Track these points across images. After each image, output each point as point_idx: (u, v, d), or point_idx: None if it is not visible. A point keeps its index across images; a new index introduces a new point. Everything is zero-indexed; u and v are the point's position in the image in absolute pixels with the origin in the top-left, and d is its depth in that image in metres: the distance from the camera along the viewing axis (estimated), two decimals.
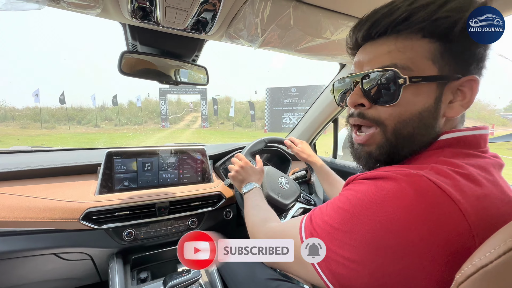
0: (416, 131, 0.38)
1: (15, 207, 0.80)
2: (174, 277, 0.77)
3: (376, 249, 0.30)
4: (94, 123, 19.83)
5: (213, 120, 20.87)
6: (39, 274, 0.93)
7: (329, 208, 0.36)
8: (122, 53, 0.75)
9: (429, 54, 0.37)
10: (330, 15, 0.68)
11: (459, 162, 0.34)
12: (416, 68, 0.37)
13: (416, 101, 0.37)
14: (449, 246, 0.28)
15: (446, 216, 0.28)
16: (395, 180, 0.32)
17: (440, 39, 0.36)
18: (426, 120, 0.38)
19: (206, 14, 0.63)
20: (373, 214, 0.31)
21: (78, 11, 0.58)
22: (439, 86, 0.37)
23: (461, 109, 0.38)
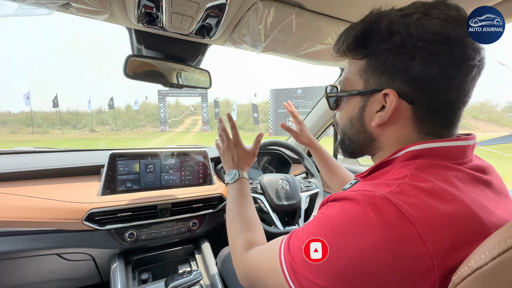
0: (352, 133, 0.46)
1: (18, 207, 0.81)
2: (175, 278, 0.77)
3: (348, 277, 0.30)
4: (89, 127, 19.09)
5: (214, 123, 19.22)
6: (41, 274, 0.94)
7: (305, 235, 0.36)
8: (127, 56, 0.76)
9: (357, 71, 0.42)
10: (331, 21, 0.69)
11: (428, 177, 0.34)
12: (348, 83, 0.45)
13: (347, 109, 0.47)
14: (412, 268, 0.28)
15: (406, 239, 0.29)
16: (359, 203, 0.32)
17: (364, 56, 0.41)
18: (355, 125, 0.45)
19: (210, 19, 0.65)
20: (341, 242, 0.31)
21: (87, 16, 0.59)
22: (363, 98, 0.43)
23: (378, 119, 0.41)
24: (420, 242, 0.29)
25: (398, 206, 0.30)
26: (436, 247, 0.28)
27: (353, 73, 0.43)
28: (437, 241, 0.29)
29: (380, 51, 0.38)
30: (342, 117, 0.48)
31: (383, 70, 0.38)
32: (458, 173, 0.36)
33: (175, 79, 0.87)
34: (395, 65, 0.37)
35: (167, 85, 0.86)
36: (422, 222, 0.29)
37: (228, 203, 0.65)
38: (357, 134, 0.45)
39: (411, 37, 0.35)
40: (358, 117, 0.44)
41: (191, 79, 0.93)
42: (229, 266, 0.91)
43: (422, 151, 0.37)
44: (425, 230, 0.29)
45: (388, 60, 0.37)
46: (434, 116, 0.38)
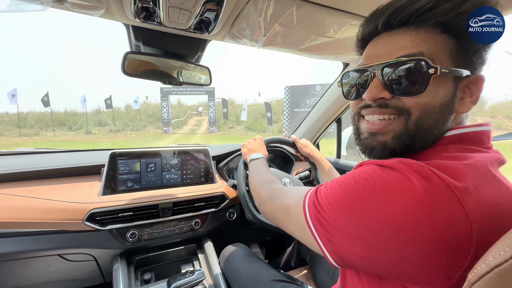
0: (435, 124, 0.38)
1: (20, 208, 0.81)
2: (178, 278, 0.77)
3: (373, 226, 0.31)
4: (86, 129, 17.22)
5: (221, 124, 18.35)
6: (43, 275, 0.94)
7: (334, 184, 0.38)
8: (125, 54, 0.75)
9: (448, 50, 0.37)
10: (333, 13, 0.67)
11: (461, 154, 0.35)
12: (438, 61, 0.37)
13: (438, 93, 0.37)
14: (445, 230, 0.28)
15: (443, 203, 0.29)
16: (400, 170, 0.32)
17: (456, 36, 0.37)
18: (444, 113, 0.38)
19: (209, 13, 0.63)
20: (375, 194, 0.32)
21: (82, 12, 0.58)
22: (454, 82, 0.38)
23: (470, 105, 0.39)
24: (459, 208, 0.29)
25: (437, 174, 0.31)
26: (475, 214, 0.28)
27: (442, 51, 0.37)
28: (476, 208, 0.29)
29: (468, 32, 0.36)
30: (428, 102, 0.37)
31: (475, 56, 0.38)
32: (489, 154, 0.36)
33: (174, 76, 0.86)
34: (482, 54, 0.38)
35: (166, 82, 0.84)
36: (461, 190, 0.29)
37: (251, 170, 0.79)
38: (440, 124, 0.38)
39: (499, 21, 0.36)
40: (450, 103, 0.38)
41: (191, 76, 0.91)
42: (232, 265, 0.90)
43: (452, 138, 0.38)
44: (465, 197, 0.29)
45: (479, 47, 0.37)
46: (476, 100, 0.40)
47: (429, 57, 0.36)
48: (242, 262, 0.88)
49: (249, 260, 0.89)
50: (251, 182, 0.73)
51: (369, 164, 0.37)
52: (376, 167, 0.35)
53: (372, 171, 0.34)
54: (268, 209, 0.55)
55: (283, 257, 1.25)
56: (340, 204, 0.34)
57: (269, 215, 0.55)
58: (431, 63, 0.36)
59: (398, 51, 0.38)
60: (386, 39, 0.41)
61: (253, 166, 0.81)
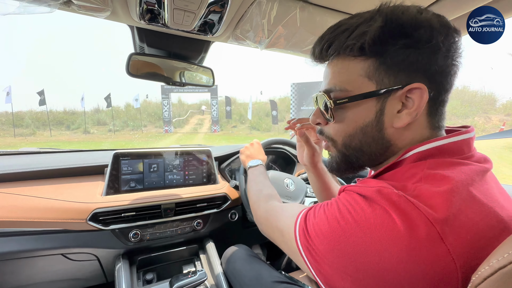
0: (362, 143, 0.41)
1: (23, 207, 0.81)
2: (180, 278, 0.77)
3: (358, 264, 0.31)
4: (84, 128, 16.53)
5: (223, 123, 17.55)
6: (46, 274, 0.94)
7: (321, 213, 0.37)
8: (130, 55, 0.75)
9: (364, 72, 0.38)
10: (336, 15, 0.68)
11: (443, 173, 0.33)
12: (353, 87, 0.39)
13: (357, 117, 0.40)
14: (428, 268, 0.28)
15: (424, 238, 0.29)
16: (381, 205, 0.32)
17: (371, 55, 0.37)
18: (369, 133, 0.40)
19: (213, 15, 0.64)
20: (358, 232, 0.32)
21: (88, 14, 0.59)
22: (379, 100, 0.38)
23: (407, 117, 0.37)
24: (440, 243, 0.28)
25: (417, 206, 0.30)
26: (457, 248, 0.28)
27: (358, 75, 0.38)
28: (457, 241, 0.28)
29: (397, 48, 0.35)
30: (347, 129, 0.41)
31: (402, 67, 0.36)
32: (471, 167, 0.35)
33: (178, 77, 0.87)
34: (418, 60, 0.35)
35: (170, 83, 0.85)
36: (441, 222, 0.29)
37: (249, 179, 0.80)
38: (371, 143, 0.40)
39: (435, 32, 0.35)
40: (375, 123, 0.39)
41: (194, 77, 0.92)
42: (234, 266, 0.90)
43: (431, 151, 0.37)
44: (445, 231, 0.29)
45: (409, 56, 0.35)
46: (441, 109, 0.39)
47: (341, 88, 0.40)
48: (244, 263, 0.88)
49: (251, 261, 0.89)
50: (248, 193, 0.74)
51: (351, 192, 0.36)
52: (358, 197, 0.35)
53: (354, 202, 0.34)
54: (264, 229, 0.56)
55: (285, 258, 1.24)
56: (326, 237, 0.34)
57: (266, 234, 0.56)
58: (332, 96, 0.41)
59: (324, 83, 0.44)
60: (325, 69, 0.45)
61: (251, 176, 0.81)
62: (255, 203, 0.65)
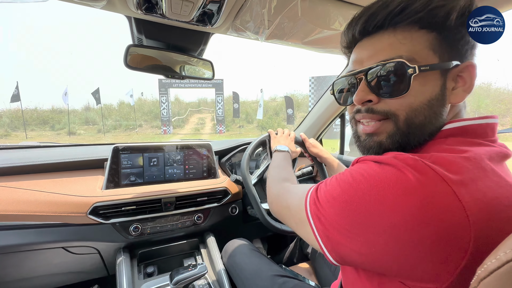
0: (427, 119, 0.38)
1: (24, 201, 0.81)
2: (180, 271, 0.77)
3: (370, 222, 0.31)
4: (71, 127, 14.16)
5: (228, 122, 15.58)
6: (48, 267, 0.95)
7: (333, 181, 0.38)
8: (127, 46, 0.74)
9: (429, 44, 0.38)
10: (339, 5, 0.66)
11: (460, 147, 0.34)
12: (420, 58, 0.38)
13: (424, 90, 0.38)
14: (442, 224, 0.28)
15: (439, 197, 0.29)
16: (395, 166, 0.32)
17: (436, 28, 0.37)
18: (435, 108, 0.38)
19: (212, 5, 0.62)
20: (371, 191, 0.32)
21: (83, 3, 0.57)
22: (442, 74, 0.38)
23: (464, 94, 0.38)
24: (455, 201, 0.28)
25: (433, 168, 0.30)
26: (472, 207, 0.28)
27: (423, 46, 0.37)
28: (473, 201, 0.28)
29: (458, 25, 0.37)
30: (413, 102, 0.38)
31: (460, 44, 0.38)
32: (492, 148, 0.35)
33: (177, 69, 0.85)
34: (468, 40, 0.38)
35: (169, 76, 0.84)
36: (457, 183, 0.29)
37: (273, 161, 0.81)
38: (435, 119, 0.38)
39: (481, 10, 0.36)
40: (440, 97, 0.38)
41: (194, 69, 0.90)
42: (234, 260, 0.90)
43: (453, 130, 0.37)
44: (461, 190, 0.29)
45: (462, 34, 0.37)
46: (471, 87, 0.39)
47: (408, 57, 0.37)
48: (245, 257, 0.88)
49: (252, 255, 0.89)
50: (268, 171, 0.76)
51: (366, 160, 0.37)
52: (372, 163, 0.35)
53: (368, 167, 0.35)
54: (274, 207, 0.58)
55: (285, 252, 1.25)
56: (337, 200, 0.35)
57: (275, 212, 0.57)
58: (409, 63, 0.37)
59: (378, 56, 0.40)
60: (367, 44, 0.42)
61: (275, 158, 0.83)
62: (270, 183, 0.66)
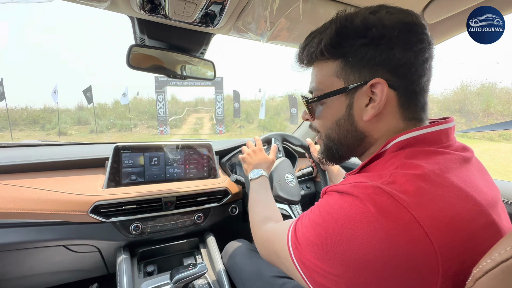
0: (340, 135, 0.45)
1: (25, 199, 0.82)
2: (180, 270, 0.77)
3: (347, 262, 0.32)
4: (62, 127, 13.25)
5: (228, 122, 14.96)
6: (48, 265, 0.95)
7: (306, 221, 0.39)
8: (130, 46, 0.75)
9: (333, 72, 0.42)
10: (340, 7, 0.66)
11: (419, 163, 0.34)
12: (325, 86, 0.44)
13: (331, 112, 0.45)
14: (408, 252, 0.29)
15: (400, 224, 0.30)
16: (357, 196, 0.33)
17: (338, 56, 0.41)
18: (343, 126, 0.44)
19: (214, 6, 0.63)
20: (340, 230, 0.33)
21: (87, 3, 0.58)
22: (348, 96, 0.42)
23: (372, 111, 0.40)
24: (417, 227, 0.29)
25: (391, 193, 0.31)
26: (434, 230, 0.29)
27: (329, 75, 0.43)
28: (434, 223, 0.29)
29: (357, 47, 0.39)
30: (325, 123, 0.47)
31: (364, 64, 0.39)
32: (447, 155, 0.37)
33: (179, 69, 0.86)
34: (376, 57, 0.38)
35: (171, 76, 0.84)
36: (416, 207, 0.30)
37: (250, 193, 0.77)
38: (346, 135, 0.44)
39: (387, 29, 0.37)
40: (346, 116, 0.43)
41: (195, 70, 0.91)
42: (234, 260, 0.90)
43: (409, 141, 0.39)
44: (421, 214, 0.29)
45: (367, 54, 0.39)
46: (415, 100, 0.40)
47: (317, 87, 0.45)
48: (245, 258, 0.89)
49: (252, 256, 0.89)
50: (248, 210, 0.73)
51: (331, 192, 0.39)
52: (336, 196, 0.37)
53: (334, 202, 0.36)
54: (263, 253, 0.56)
55: None
56: (314, 244, 0.35)
57: (265, 259, 0.56)
58: (314, 94, 0.46)
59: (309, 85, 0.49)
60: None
61: (252, 190, 0.78)
62: (253, 226, 0.65)
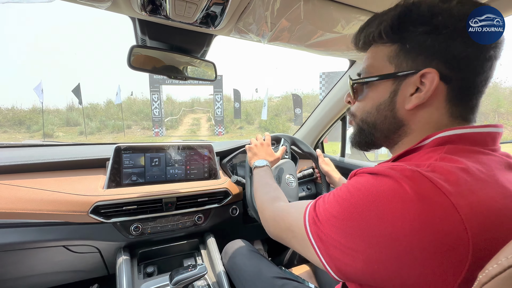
0: (377, 120, 0.45)
1: (26, 199, 0.82)
2: (180, 272, 0.77)
3: (370, 238, 0.31)
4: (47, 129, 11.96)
5: (227, 122, 14.13)
6: (48, 265, 0.95)
7: (331, 197, 0.39)
8: (131, 47, 0.75)
9: (386, 56, 0.42)
10: (341, 8, 0.66)
11: (460, 159, 0.34)
12: (374, 69, 0.44)
13: (374, 96, 0.45)
14: (440, 236, 0.28)
15: (437, 208, 0.29)
16: (392, 177, 0.33)
17: (396, 41, 0.41)
18: (382, 111, 0.44)
19: (215, 7, 0.63)
20: (370, 205, 0.32)
21: (89, 4, 0.58)
22: (395, 82, 0.41)
23: (415, 100, 0.39)
24: (454, 213, 0.28)
25: (431, 179, 0.30)
26: (471, 219, 0.28)
27: (381, 59, 0.43)
28: (472, 213, 0.28)
29: (417, 34, 0.38)
30: (365, 106, 0.47)
31: (420, 52, 0.39)
32: (492, 157, 0.35)
33: (179, 70, 0.86)
34: (435, 46, 0.37)
35: (172, 77, 0.84)
36: (456, 194, 0.29)
37: (256, 179, 0.78)
38: (383, 121, 0.44)
39: (453, 19, 0.36)
40: (388, 102, 0.43)
41: (196, 70, 0.91)
42: (234, 261, 0.90)
43: (452, 137, 0.37)
44: (460, 202, 0.29)
45: (426, 42, 0.38)
46: (466, 98, 0.39)
47: (366, 70, 0.46)
48: (245, 258, 0.88)
49: (252, 257, 0.89)
50: (255, 193, 0.73)
51: (362, 173, 0.38)
52: (369, 176, 0.36)
53: (365, 180, 0.35)
54: (272, 231, 0.55)
55: (285, 254, 1.25)
56: (337, 219, 0.35)
57: (274, 236, 0.55)
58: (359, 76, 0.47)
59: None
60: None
61: (257, 177, 0.79)
62: (261, 206, 0.64)
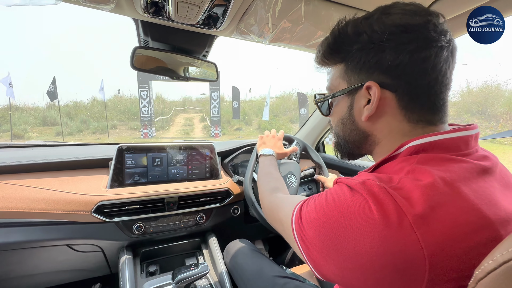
0: (345, 133, 0.49)
1: (30, 198, 0.83)
2: (182, 270, 0.77)
3: (339, 248, 0.34)
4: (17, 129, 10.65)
5: (223, 123, 13.11)
6: (52, 264, 0.96)
7: (311, 203, 0.41)
8: (134, 48, 0.76)
9: (339, 74, 0.46)
10: (342, 9, 0.67)
11: (430, 170, 0.34)
12: (333, 87, 0.48)
13: (337, 111, 0.49)
14: (398, 255, 0.30)
15: (396, 228, 0.30)
16: (362, 194, 0.35)
17: (340, 62, 0.45)
18: (346, 124, 0.47)
19: (217, 9, 0.63)
20: (340, 218, 0.35)
21: (93, 6, 0.59)
22: (349, 97, 0.45)
23: (367, 111, 0.42)
24: (411, 233, 0.30)
25: (395, 197, 0.32)
26: (428, 239, 0.29)
27: (336, 77, 0.46)
28: (429, 231, 0.30)
29: (353, 52, 0.42)
30: (334, 120, 0.51)
31: (360, 67, 0.42)
32: (463, 164, 0.36)
33: (182, 71, 0.87)
34: (369, 60, 0.40)
35: (174, 78, 0.85)
36: (415, 213, 0.31)
37: (260, 167, 0.83)
38: (350, 133, 0.48)
39: (376, 33, 0.39)
40: (348, 116, 0.46)
41: (198, 71, 0.92)
42: (236, 260, 0.90)
43: (424, 145, 0.38)
44: (417, 221, 0.30)
45: (362, 57, 0.41)
46: (418, 101, 0.40)
47: (328, 87, 0.49)
48: (246, 258, 0.89)
49: (253, 256, 0.89)
50: (258, 180, 0.78)
51: (341, 184, 0.40)
52: (345, 189, 0.37)
53: (341, 193, 0.37)
54: (269, 219, 0.61)
55: (286, 253, 1.25)
56: (314, 224, 0.38)
57: (270, 223, 0.60)
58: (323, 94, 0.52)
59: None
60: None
61: (261, 164, 0.85)
62: (262, 193, 0.69)
